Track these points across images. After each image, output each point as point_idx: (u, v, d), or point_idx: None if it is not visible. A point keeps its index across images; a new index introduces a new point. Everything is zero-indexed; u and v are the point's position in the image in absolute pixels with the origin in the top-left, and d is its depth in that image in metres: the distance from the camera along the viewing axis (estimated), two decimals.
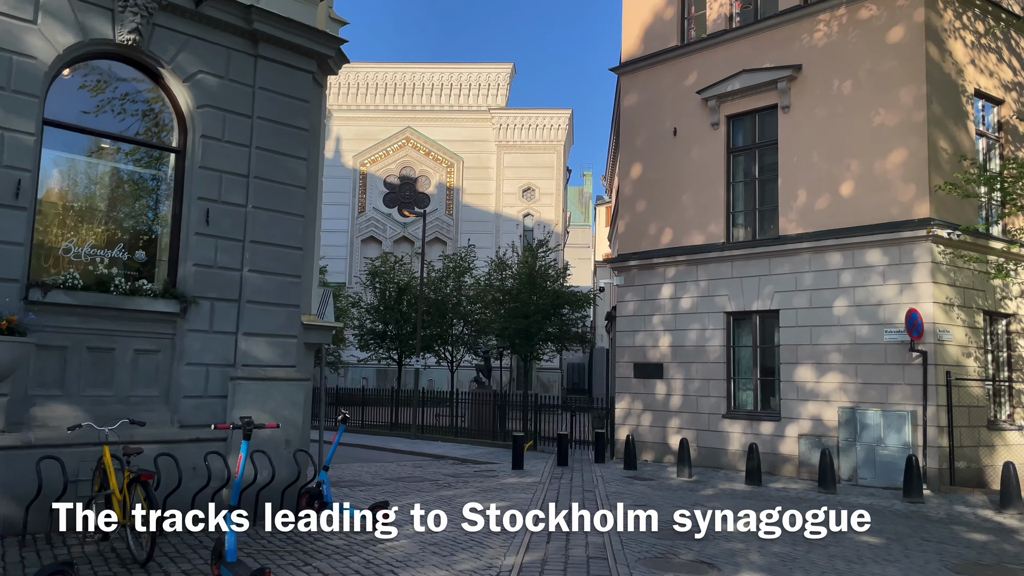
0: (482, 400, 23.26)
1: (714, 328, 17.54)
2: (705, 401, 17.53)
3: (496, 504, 11.30)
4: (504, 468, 17.02)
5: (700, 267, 17.94)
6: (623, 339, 19.43)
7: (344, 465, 17.57)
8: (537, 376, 45.56)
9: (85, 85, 8.60)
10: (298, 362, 9.64)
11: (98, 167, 8.88)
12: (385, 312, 31.02)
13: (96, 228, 8.63)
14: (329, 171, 47.07)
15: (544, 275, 30.01)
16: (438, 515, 8.38)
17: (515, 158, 46.83)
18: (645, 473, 16.41)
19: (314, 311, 10.04)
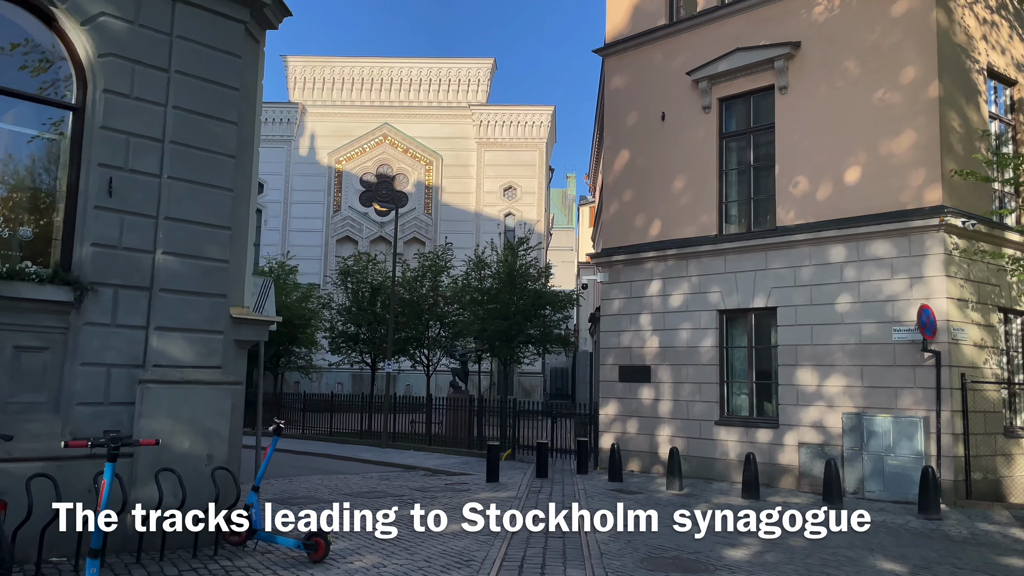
0: (457, 406, 21.79)
1: (706, 327, 16.19)
2: (696, 406, 16.16)
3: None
4: (478, 480, 15.57)
5: (691, 262, 16.59)
6: (608, 340, 18.04)
7: (303, 478, 16.06)
8: (518, 381, 44.11)
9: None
10: (226, 362, 8.15)
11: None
12: (358, 314, 29.46)
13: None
14: (303, 169, 45.57)
15: (525, 274, 28.61)
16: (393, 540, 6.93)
17: (496, 156, 45.43)
18: (631, 486, 15.01)
19: (248, 303, 8.57)
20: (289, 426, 26.32)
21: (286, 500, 12.45)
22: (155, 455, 7.21)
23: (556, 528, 10.10)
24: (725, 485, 15.09)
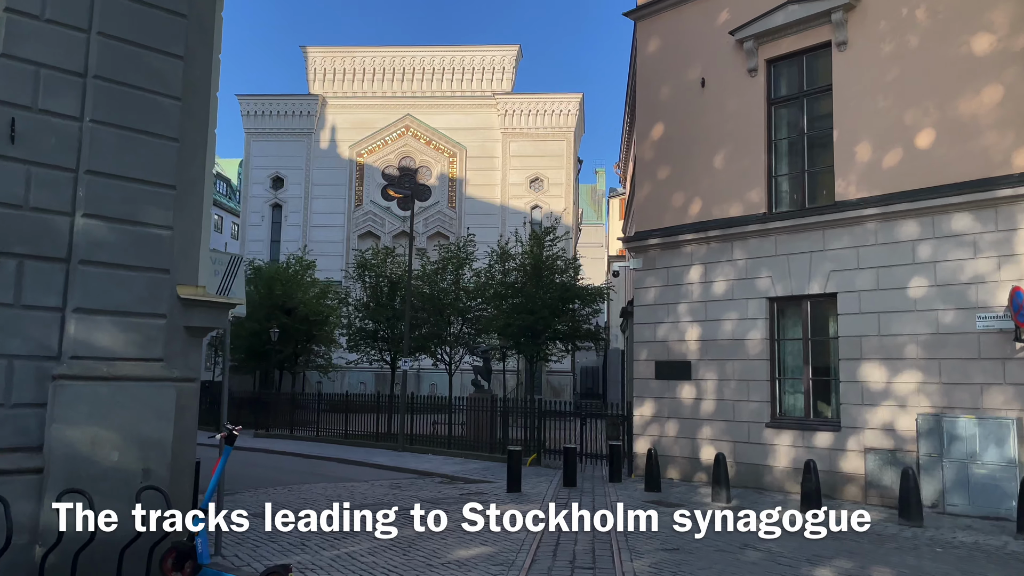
0: (479, 406, 20.12)
1: (754, 317, 14.34)
2: (744, 407, 14.32)
3: (475, 550, 8.22)
4: (499, 490, 13.89)
5: (736, 244, 14.74)
6: (642, 333, 16.25)
7: (306, 486, 14.53)
8: (547, 380, 42.39)
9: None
10: (171, 353, 6.57)
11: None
12: (376, 309, 27.92)
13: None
14: (324, 163, 44.28)
15: (552, 266, 26.84)
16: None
17: (522, 146, 43.70)
18: (672, 496, 13.21)
19: (204, 282, 6.99)
20: (303, 428, 24.91)
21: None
22: (71, 470, 5.65)
23: (590, 558, 8.40)
24: (779, 496, 13.24)
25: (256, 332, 30.90)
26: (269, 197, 44.41)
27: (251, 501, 12.33)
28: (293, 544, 8.52)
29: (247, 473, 16.75)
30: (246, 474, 16.56)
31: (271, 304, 31.67)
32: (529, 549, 8.41)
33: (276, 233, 44.09)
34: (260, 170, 44.43)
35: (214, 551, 7.59)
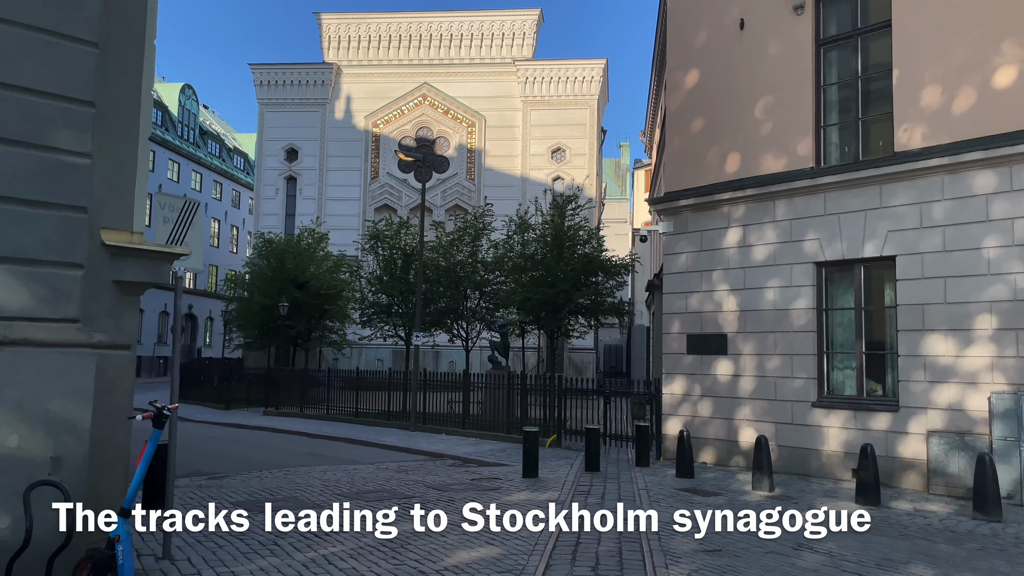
0: (495, 384, 18.80)
1: (799, 285, 12.81)
2: (787, 384, 12.84)
3: (479, 551, 6.90)
4: (514, 474, 12.58)
5: (780, 203, 13.19)
6: (672, 303, 14.78)
7: (305, 469, 13.33)
8: (569, 357, 41.01)
9: None
10: (91, 314, 5.27)
11: None
12: (389, 283, 26.63)
13: None
14: (339, 134, 42.93)
15: (574, 237, 25.37)
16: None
17: (543, 115, 41.99)
18: (706, 483, 11.81)
19: (141, 227, 5.67)
20: (314, 406, 23.79)
21: (259, 503, 9.63)
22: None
23: (616, 563, 7.05)
24: (828, 484, 11.78)
25: (268, 307, 29.83)
26: (283, 169, 43.21)
27: (238, 487, 11.13)
28: (264, 543, 7.25)
29: (245, 454, 15.61)
30: (244, 455, 15.43)
31: (283, 278, 30.54)
32: (543, 551, 7.07)
33: (291, 207, 42.92)
34: (274, 142, 43.22)
35: (162, 554, 6.32)
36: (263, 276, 30.99)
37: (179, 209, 6.44)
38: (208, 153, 60.85)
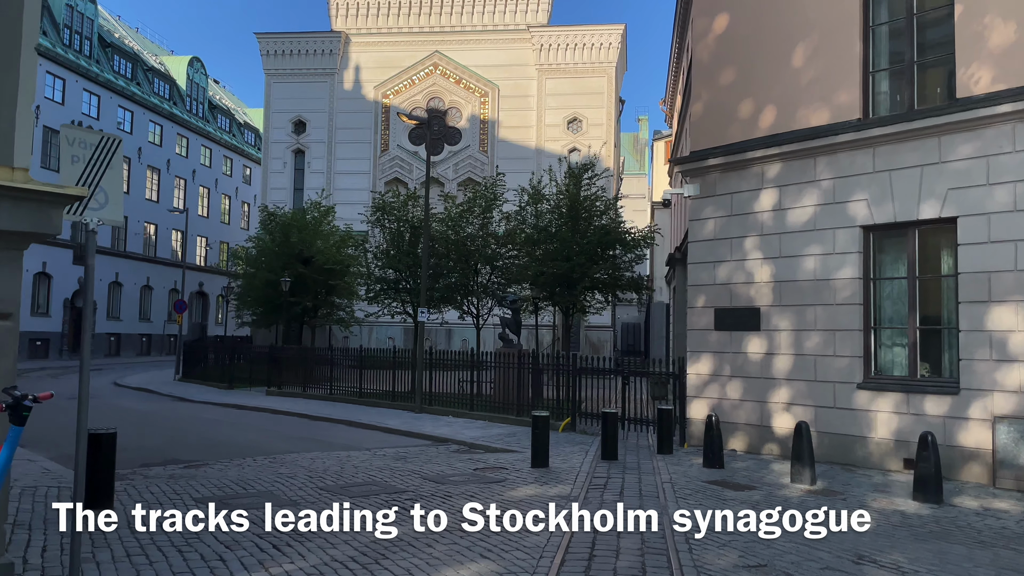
0: (505, 363, 17.52)
1: (844, 252, 11.39)
2: (829, 364, 11.46)
3: (472, 567, 5.64)
4: (522, 463, 11.33)
5: (821, 160, 11.74)
6: (699, 274, 13.40)
7: (293, 456, 12.18)
8: (585, 335, 39.72)
9: None
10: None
11: None
12: (396, 257, 25.34)
13: None
14: (348, 105, 41.56)
15: (590, 208, 23.95)
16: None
17: (559, 84, 40.34)
18: (738, 475, 10.50)
19: (21, 163, 4.39)
20: (318, 386, 22.69)
21: (228, 499, 8.44)
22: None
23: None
24: (876, 476, 10.43)
25: (272, 283, 28.69)
26: (291, 142, 41.94)
27: (213, 478, 9.96)
28: (209, 557, 6.01)
29: (234, 439, 14.48)
30: (233, 440, 14.31)
31: (288, 253, 29.37)
32: (550, 566, 5.79)
33: (299, 181, 41.68)
34: (281, 114, 41.92)
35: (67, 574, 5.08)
36: (267, 251, 29.84)
37: (94, 146, 5.16)
38: (218, 128, 59.73)
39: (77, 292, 43.90)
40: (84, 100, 44.14)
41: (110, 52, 47.89)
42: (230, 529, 6.53)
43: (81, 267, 44.01)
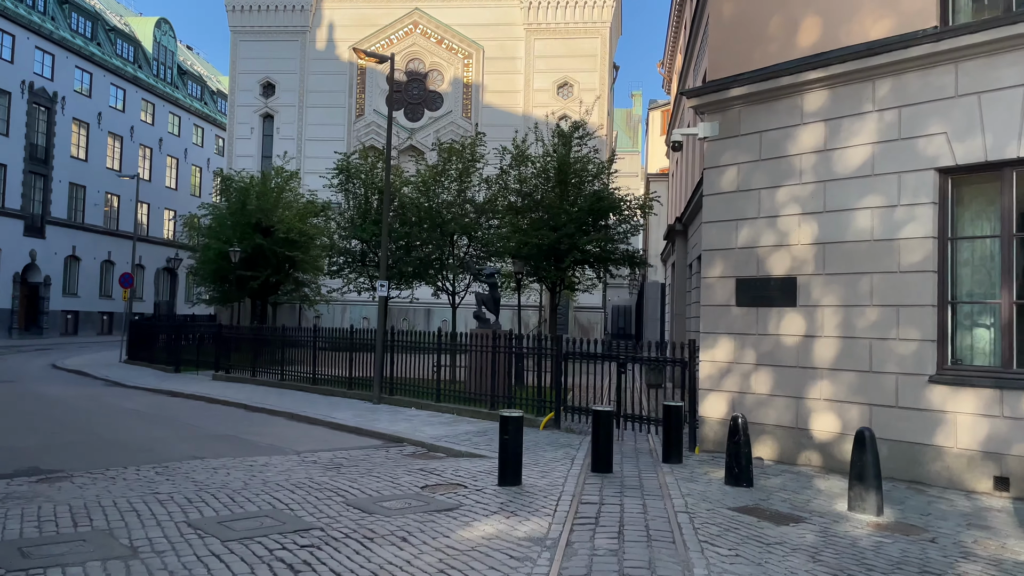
0: (479, 345, 14.75)
1: (912, 203, 8.67)
2: (889, 350, 8.77)
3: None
4: (487, 476, 8.63)
5: (882, 83, 8.98)
6: (716, 236, 10.66)
7: (197, 463, 9.47)
8: (574, 316, 37.03)
9: None
10: None
11: None
12: (363, 227, 22.48)
13: None
14: (320, 66, 38.46)
15: (581, 172, 21.19)
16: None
17: (549, 45, 37.37)
18: (774, 497, 7.81)
19: None
20: (267, 369, 19.93)
21: (37, 545, 5.70)
22: None
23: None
24: (959, 500, 7.78)
25: (225, 255, 25.82)
26: (259, 106, 38.85)
27: (61, 498, 7.22)
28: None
29: (139, 438, 11.69)
30: (135, 440, 11.52)
31: (244, 223, 26.46)
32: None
33: (267, 148, 38.65)
34: (249, 75, 38.80)
35: None
36: (219, 218, 26.92)
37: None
38: (188, 95, 56.42)
39: (29, 266, 40.82)
40: (36, 59, 40.85)
41: (67, 9, 44.52)
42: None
43: (34, 238, 40.93)
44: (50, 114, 41.85)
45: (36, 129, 41.06)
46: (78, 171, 44.07)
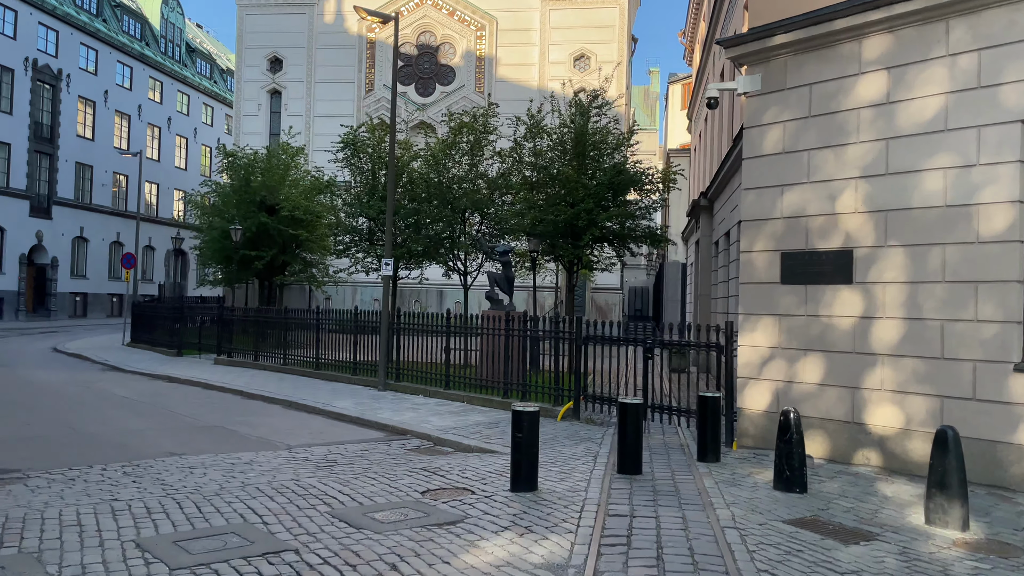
0: (491, 328, 13.62)
1: (992, 162, 7.41)
2: (965, 334, 7.55)
3: None
4: (498, 481, 7.51)
5: (958, 24, 7.70)
6: (757, 205, 9.43)
7: (172, 460, 8.43)
8: (592, 298, 35.85)
9: None
10: None
11: None
12: (368, 204, 21.35)
13: None
14: (329, 40, 37.23)
15: (599, 144, 19.92)
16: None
17: (564, 16, 35.89)
18: (835, 509, 6.65)
19: None
20: (270, 353, 18.97)
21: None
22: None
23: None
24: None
25: (229, 234, 24.81)
26: (266, 81, 37.68)
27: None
28: None
29: (117, 431, 10.68)
30: (111, 431, 10.52)
31: (248, 200, 25.43)
32: None
33: (275, 125, 37.49)
34: (255, 49, 37.60)
35: None
36: (225, 197, 25.90)
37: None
38: (197, 73, 55.39)
39: (36, 248, 40.09)
40: (40, 35, 39.91)
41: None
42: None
43: (40, 219, 40.17)
44: (55, 92, 40.94)
45: (40, 107, 40.18)
46: (85, 150, 43.22)
